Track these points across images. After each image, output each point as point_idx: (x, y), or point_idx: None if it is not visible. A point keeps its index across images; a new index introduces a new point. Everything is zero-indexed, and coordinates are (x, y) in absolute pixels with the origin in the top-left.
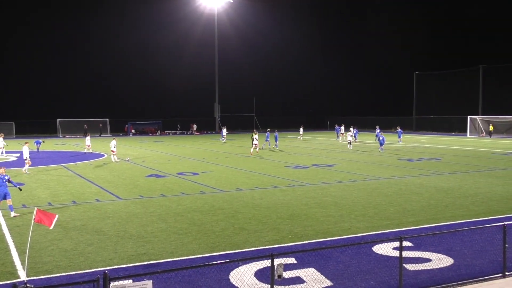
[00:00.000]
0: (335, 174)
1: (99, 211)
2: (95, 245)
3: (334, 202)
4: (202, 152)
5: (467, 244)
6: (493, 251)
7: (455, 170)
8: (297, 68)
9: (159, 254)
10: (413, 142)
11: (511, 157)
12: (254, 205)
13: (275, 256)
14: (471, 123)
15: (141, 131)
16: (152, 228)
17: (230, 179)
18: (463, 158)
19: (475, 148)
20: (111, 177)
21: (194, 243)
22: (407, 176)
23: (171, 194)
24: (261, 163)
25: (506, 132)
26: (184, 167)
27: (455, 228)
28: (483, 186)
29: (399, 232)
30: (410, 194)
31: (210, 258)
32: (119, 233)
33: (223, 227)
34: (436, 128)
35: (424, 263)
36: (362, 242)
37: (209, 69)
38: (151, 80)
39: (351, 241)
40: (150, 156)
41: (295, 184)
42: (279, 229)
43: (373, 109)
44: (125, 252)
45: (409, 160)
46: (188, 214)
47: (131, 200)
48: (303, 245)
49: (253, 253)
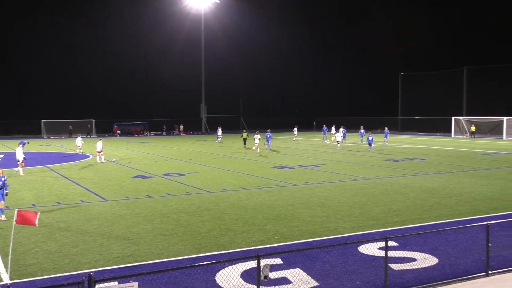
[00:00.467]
0: (321, 175)
1: (84, 212)
2: (80, 246)
3: (320, 202)
4: (188, 153)
5: (452, 243)
6: (477, 250)
7: (440, 170)
8: (283, 69)
9: (145, 255)
10: (399, 143)
11: (494, 157)
12: (240, 206)
13: (262, 257)
14: (456, 123)
15: (127, 131)
16: (138, 230)
17: (216, 180)
18: (448, 158)
19: (459, 148)
20: (96, 178)
21: (180, 244)
22: (393, 176)
23: (157, 195)
24: (247, 163)
25: (489, 132)
26: (170, 168)
27: (440, 228)
28: (467, 186)
29: (384, 232)
30: (396, 194)
31: (196, 259)
32: (104, 235)
33: (209, 228)
34: (421, 129)
35: (409, 262)
36: (348, 242)
37: (195, 69)
38: (137, 81)
39: (337, 241)
40: (136, 157)
41: (281, 184)
42: (265, 229)
43: (359, 110)
44: (110, 254)
45: (395, 161)
46: (174, 215)
47: (117, 201)
48: (289, 246)
49: (240, 254)
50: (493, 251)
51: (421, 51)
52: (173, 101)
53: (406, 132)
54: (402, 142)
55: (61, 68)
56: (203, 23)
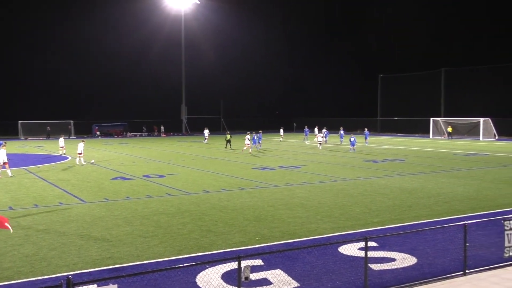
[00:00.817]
0: (302, 176)
1: (62, 214)
2: (58, 249)
3: (301, 203)
4: (169, 154)
5: (430, 243)
6: (455, 250)
7: (419, 171)
8: (264, 70)
9: (124, 257)
10: (378, 144)
11: (471, 157)
12: (221, 207)
13: (242, 258)
14: (434, 124)
15: (106, 133)
16: (118, 232)
17: (197, 181)
18: (426, 159)
19: (437, 149)
20: (75, 180)
21: (160, 246)
22: (372, 177)
23: (137, 196)
24: (228, 165)
25: (467, 133)
26: (150, 169)
27: (419, 228)
28: (445, 186)
29: (364, 232)
30: (375, 194)
31: (177, 261)
32: (83, 237)
33: (189, 230)
34: (400, 130)
35: (388, 262)
36: (328, 243)
37: (175, 70)
38: (116, 81)
39: (318, 242)
40: (116, 158)
41: (262, 185)
42: (246, 231)
43: (339, 111)
44: (89, 256)
45: (374, 161)
46: (154, 217)
47: (96, 203)
48: (270, 247)
49: (220, 255)
50: (470, 251)
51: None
52: (153, 102)
53: (385, 133)
54: (382, 143)
55: (39, 69)
56: (183, 24)
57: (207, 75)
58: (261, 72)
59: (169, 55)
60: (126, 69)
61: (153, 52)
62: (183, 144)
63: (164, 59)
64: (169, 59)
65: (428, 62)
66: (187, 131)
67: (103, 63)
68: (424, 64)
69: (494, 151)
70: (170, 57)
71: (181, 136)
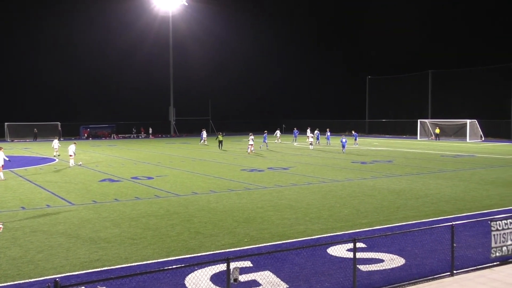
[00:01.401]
0: (291, 177)
1: (50, 217)
2: (46, 252)
3: (290, 205)
4: (157, 156)
5: (418, 244)
6: (442, 250)
7: (407, 172)
8: (252, 72)
9: (112, 260)
10: (366, 145)
11: (458, 159)
12: (209, 209)
13: (231, 260)
14: (421, 126)
15: (94, 134)
16: (106, 234)
17: (186, 183)
18: (414, 161)
19: (425, 150)
20: (62, 182)
21: (148, 248)
22: (361, 178)
23: (125, 198)
24: (217, 166)
25: (454, 135)
26: (139, 171)
27: (407, 229)
28: (432, 187)
29: (353, 233)
30: (364, 196)
31: (165, 263)
32: (71, 239)
33: (178, 232)
34: (388, 131)
35: (377, 263)
36: (317, 244)
37: (164, 72)
38: (104, 83)
39: (306, 243)
40: (104, 160)
41: (250, 187)
42: (235, 232)
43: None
44: (77, 259)
45: (363, 163)
46: (142, 219)
47: (84, 205)
48: (259, 248)
49: (209, 257)
50: (457, 251)
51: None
52: (141, 104)
53: (373, 135)
54: (370, 145)
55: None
56: (171, 25)
57: (195, 76)
58: (250, 73)
59: (157, 57)
60: (114, 71)
61: (141, 53)
62: (172, 146)
63: (152, 61)
64: (157, 60)
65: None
66: (175, 133)
67: (91, 64)
68: (412, 66)
69: (480, 153)
70: (158, 59)
71: (169, 138)
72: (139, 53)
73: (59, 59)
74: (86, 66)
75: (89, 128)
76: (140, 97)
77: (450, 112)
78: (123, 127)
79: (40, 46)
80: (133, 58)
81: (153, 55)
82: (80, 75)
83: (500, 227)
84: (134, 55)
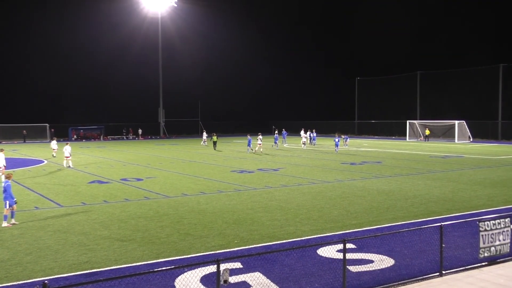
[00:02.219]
0: (280, 178)
1: (38, 219)
2: (34, 254)
3: (280, 206)
4: (147, 158)
5: (407, 244)
6: (431, 251)
7: (396, 173)
8: (242, 73)
9: (102, 262)
10: (356, 146)
11: (447, 160)
12: (199, 210)
13: (221, 261)
14: (410, 127)
15: (83, 136)
16: (95, 236)
17: (175, 184)
18: (403, 161)
19: (414, 151)
20: (51, 184)
21: (138, 250)
22: (350, 179)
23: (114, 200)
24: (207, 168)
25: (442, 135)
26: (128, 172)
27: (396, 230)
28: (421, 188)
29: (342, 234)
30: (353, 197)
31: (155, 265)
32: (59, 242)
33: (168, 233)
34: (377, 132)
35: (366, 264)
36: (307, 245)
37: (153, 73)
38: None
39: (296, 244)
40: (93, 162)
41: (240, 188)
42: (225, 234)
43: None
44: (66, 261)
45: (352, 164)
46: (132, 221)
47: (73, 207)
48: (249, 250)
49: (199, 258)
50: (446, 252)
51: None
52: (131, 105)
53: (362, 136)
54: (360, 146)
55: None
56: (160, 26)
57: (184, 77)
58: (240, 74)
59: (147, 58)
60: (103, 72)
61: (130, 54)
62: (161, 147)
63: (142, 62)
64: (146, 61)
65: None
66: (165, 134)
67: (80, 65)
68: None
69: (469, 153)
70: (148, 60)
71: (159, 139)
72: (128, 54)
73: (48, 60)
74: (75, 67)
75: (75, 129)
76: (129, 98)
77: (438, 113)
78: (112, 128)
79: (28, 47)
80: (122, 59)
81: (142, 56)
82: (69, 76)
83: (489, 228)
84: (123, 56)
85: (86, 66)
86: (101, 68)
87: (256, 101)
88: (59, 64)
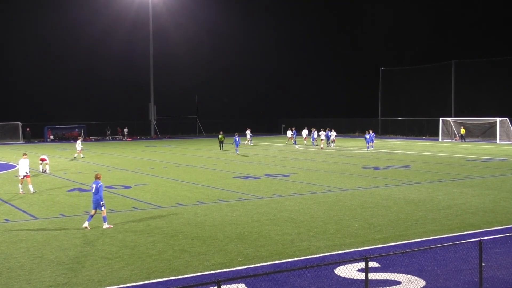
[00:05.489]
0: (291, 185)
1: (9, 233)
2: (4, 275)
3: (291, 217)
4: (135, 162)
5: (440, 263)
6: (469, 270)
7: (427, 179)
8: (245, 66)
9: (83, 283)
10: (380, 148)
11: (487, 163)
12: (197, 222)
13: (222, 282)
14: (443, 125)
15: (61, 136)
16: (75, 253)
17: (169, 192)
18: (435, 166)
19: (448, 154)
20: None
21: (125, 269)
22: (373, 186)
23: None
24: (205, 173)
25: (481, 135)
26: (114, 179)
27: (427, 245)
28: (457, 197)
29: (364, 251)
30: (377, 207)
31: (146, 286)
32: (34, 260)
33: (160, 250)
34: (404, 132)
35: (392, 286)
36: (322, 264)
37: (143, 65)
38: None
39: (310, 262)
40: (73, 166)
41: (245, 197)
42: (226, 250)
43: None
44: (41, 282)
45: (375, 169)
46: (118, 235)
47: (49, 219)
48: (255, 269)
49: (196, 279)
50: (486, 271)
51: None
52: (117, 101)
53: (387, 136)
54: (384, 147)
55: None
56: (151, 12)
57: (179, 69)
58: (243, 68)
59: (135, 46)
60: (85, 62)
61: (116, 43)
62: (152, 149)
63: (129, 51)
64: (135, 51)
65: (436, 54)
66: (156, 134)
67: (58, 56)
68: (432, 56)
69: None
70: (136, 49)
71: (149, 140)
72: (113, 43)
73: (19, 50)
74: (52, 58)
75: (51, 129)
76: (115, 93)
77: (476, 109)
78: (95, 127)
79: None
80: (107, 48)
81: (130, 45)
82: (44, 69)
83: None
84: (107, 45)
85: (65, 56)
86: (83, 57)
87: (263, 96)
88: (33, 55)
